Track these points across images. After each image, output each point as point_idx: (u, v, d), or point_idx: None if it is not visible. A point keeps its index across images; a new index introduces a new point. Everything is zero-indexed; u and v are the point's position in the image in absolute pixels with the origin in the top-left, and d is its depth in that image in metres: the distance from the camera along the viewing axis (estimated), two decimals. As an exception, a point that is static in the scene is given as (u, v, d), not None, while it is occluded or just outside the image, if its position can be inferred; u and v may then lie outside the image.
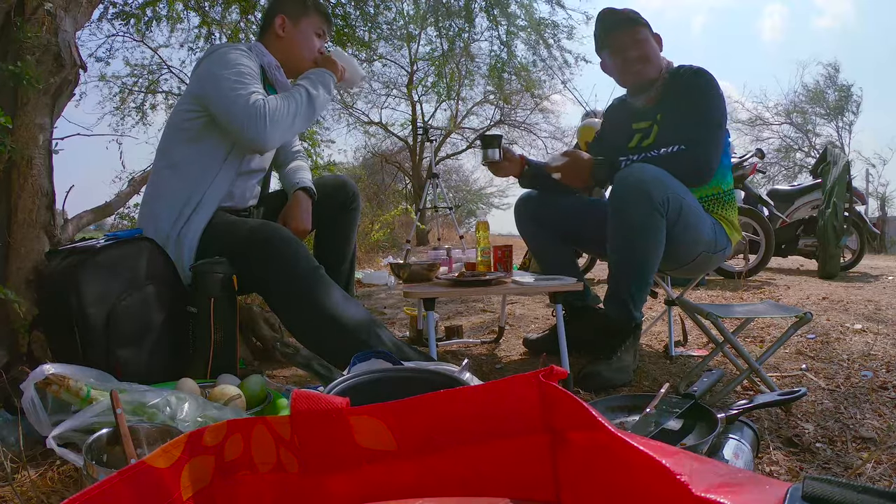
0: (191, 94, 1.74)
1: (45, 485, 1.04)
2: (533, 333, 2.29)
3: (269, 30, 1.86)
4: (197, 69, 1.78)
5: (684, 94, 1.82)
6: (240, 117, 1.58)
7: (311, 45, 1.88)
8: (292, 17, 1.85)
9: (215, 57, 1.70)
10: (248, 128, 1.58)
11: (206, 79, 1.66)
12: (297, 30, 1.85)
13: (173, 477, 0.49)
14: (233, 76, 1.62)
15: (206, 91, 1.66)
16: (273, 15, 1.85)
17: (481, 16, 4.66)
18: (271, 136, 1.62)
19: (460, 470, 0.51)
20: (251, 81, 1.64)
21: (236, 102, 1.59)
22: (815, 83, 16.99)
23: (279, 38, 1.84)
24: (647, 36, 1.88)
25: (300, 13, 1.86)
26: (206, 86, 1.65)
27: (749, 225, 4.29)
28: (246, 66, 1.67)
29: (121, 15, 4.26)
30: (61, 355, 1.37)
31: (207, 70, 1.68)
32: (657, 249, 1.68)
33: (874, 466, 1.12)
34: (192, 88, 1.76)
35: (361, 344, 1.51)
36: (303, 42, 1.86)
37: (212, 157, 1.70)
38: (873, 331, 2.28)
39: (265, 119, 1.59)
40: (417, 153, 13.00)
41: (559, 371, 0.50)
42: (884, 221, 9.06)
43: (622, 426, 1.17)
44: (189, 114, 1.71)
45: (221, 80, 1.62)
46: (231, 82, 1.61)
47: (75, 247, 1.46)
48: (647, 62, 1.87)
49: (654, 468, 0.41)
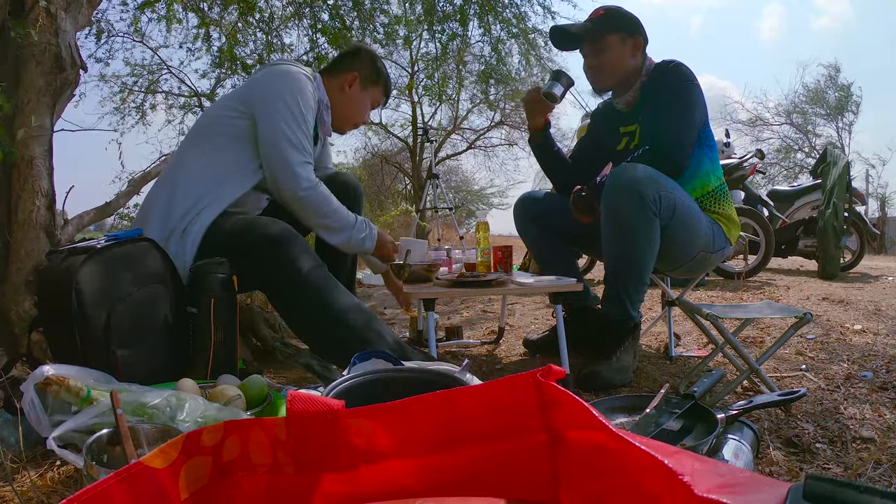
0: (240, 97, 1.73)
1: (45, 485, 1.04)
2: (533, 334, 2.29)
3: (338, 77, 1.88)
4: (255, 76, 1.81)
5: (659, 91, 1.83)
6: (292, 175, 1.64)
7: (365, 112, 1.96)
8: (363, 81, 1.90)
9: (282, 72, 1.71)
10: (289, 189, 1.65)
11: (266, 91, 1.68)
12: (362, 93, 1.91)
13: (171, 477, 0.49)
14: (297, 112, 1.65)
15: (260, 104, 1.66)
16: (349, 69, 1.89)
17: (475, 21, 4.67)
18: (303, 204, 1.68)
19: (459, 470, 0.51)
20: (306, 134, 1.67)
21: (295, 158, 1.64)
22: (816, 83, 16.99)
23: (343, 91, 1.88)
24: (611, 44, 1.85)
25: (373, 81, 1.92)
26: (265, 98, 1.66)
27: (749, 225, 4.29)
28: (308, 104, 1.70)
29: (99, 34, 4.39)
30: (61, 355, 1.37)
31: (268, 81, 1.70)
32: (651, 248, 1.68)
33: (874, 466, 1.12)
34: (244, 93, 1.75)
35: (363, 342, 1.51)
36: (361, 107, 1.93)
37: (239, 163, 1.70)
38: (873, 331, 2.28)
39: (309, 192, 1.65)
40: (417, 154, 13.00)
41: (557, 370, 0.50)
42: (884, 222, 9.06)
43: (622, 426, 1.16)
44: (231, 111, 1.71)
45: (282, 109, 1.64)
46: (294, 122, 1.64)
47: (75, 247, 1.46)
48: (601, 71, 1.89)
49: (656, 468, 0.40)
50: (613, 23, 1.86)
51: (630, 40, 1.86)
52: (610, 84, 1.93)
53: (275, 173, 1.66)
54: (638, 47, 1.88)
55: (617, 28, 1.86)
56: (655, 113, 1.81)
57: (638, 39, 1.87)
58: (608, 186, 1.68)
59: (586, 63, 1.93)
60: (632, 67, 1.88)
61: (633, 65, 1.88)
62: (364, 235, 1.77)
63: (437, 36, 4.85)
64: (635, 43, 1.87)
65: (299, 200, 1.67)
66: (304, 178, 1.64)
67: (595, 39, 1.88)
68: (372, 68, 1.91)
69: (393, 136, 13.72)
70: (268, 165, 1.67)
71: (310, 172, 1.67)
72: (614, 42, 1.86)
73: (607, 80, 1.91)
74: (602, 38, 1.86)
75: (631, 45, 1.87)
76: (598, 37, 1.87)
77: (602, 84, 1.94)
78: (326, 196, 1.70)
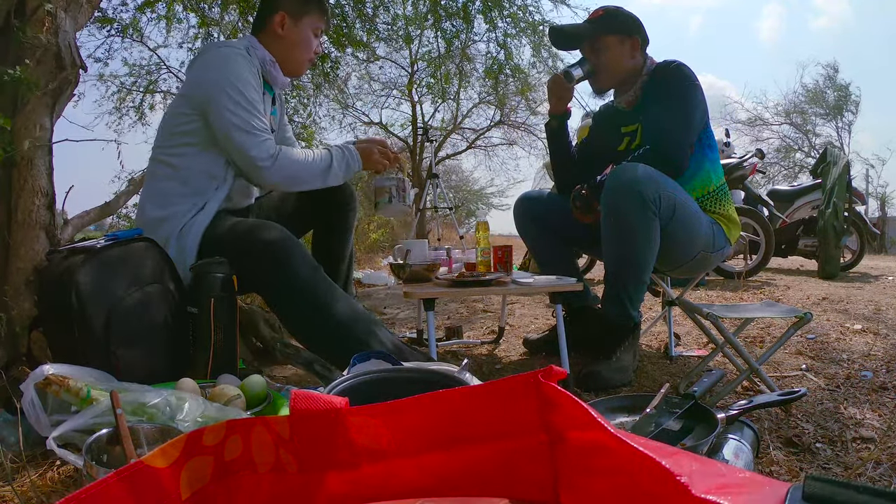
0: (186, 98, 1.70)
1: (45, 485, 1.04)
2: (533, 333, 2.29)
3: (267, 26, 1.80)
4: (192, 69, 1.75)
5: (660, 90, 1.83)
6: (248, 158, 1.62)
7: (309, 44, 1.84)
8: (293, 15, 1.80)
9: (214, 61, 1.67)
10: (254, 172, 1.66)
11: (207, 88, 1.63)
12: (297, 28, 1.81)
13: (172, 476, 0.49)
14: (238, 97, 1.61)
15: (206, 105, 1.63)
16: (272, 11, 1.79)
17: (479, 18, 4.66)
18: (274, 182, 1.69)
19: (459, 470, 0.51)
20: (250, 110, 1.63)
21: (246, 142, 1.61)
22: (815, 83, 16.99)
23: (278, 36, 1.79)
24: (609, 44, 1.87)
25: (301, 11, 1.81)
26: (208, 97, 1.62)
27: (749, 225, 4.29)
28: (243, 79, 1.64)
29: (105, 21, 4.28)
30: (61, 355, 1.37)
31: (205, 77, 1.65)
32: (651, 248, 1.68)
33: (874, 466, 1.12)
34: (188, 91, 1.71)
35: (361, 344, 1.51)
36: (303, 41, 1.82)
37: (215, 161, 1.69)
38: (873, 331, 2.28)
39: (272, 170, 1.64)
40: (417, 153, 13.00)
41: (558, 371, 0.50)
42: (884, 221, 9.06)
43: (622, 426, 1.17)
44: (183, 117, 1.68)
45: (225, 101, 1.60)
46: (238, 108, 1.61)
47: (75, 247, 1.46)
48: (600, 71, 1.91)
49: (654, 469, 0.40)
50: (611, 24, 1.88)
51: (628, 41, 1.87)
52: (609, 84, 1.95)
53: (239, 165, 1.68)
54: (636, 47, 1.88)
55: (615, 29, 1.87)
56: (656, 113, 1.81)
57: (636, 39, 1.88)
58: (608, 186, 1.68)
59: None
60: (630, 67, 1.88)
61: (632, 65, 1.88)
62: (347, 162, 1.78)
63: (440, 33, 4.84)
64: (633, 43, 1.88)
65: (270, 181, 1.68)
66: (260, 159, 1.62)
67: (593, 40, 1.89)
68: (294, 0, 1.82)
69: (393, 135, 13.71)
70: (231, 160, 1.68)
71: (265, 149, 1.63)
72: (612, 43, 1.87)
73: (606, 80, 1.93)
74: (600, 38, 1.88)
75: (629, 46, 1.87)
76: (596, 37, 1.89)
77: (601, 84, 1.95)
78: (290, 161, 1.67)
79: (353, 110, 13.07)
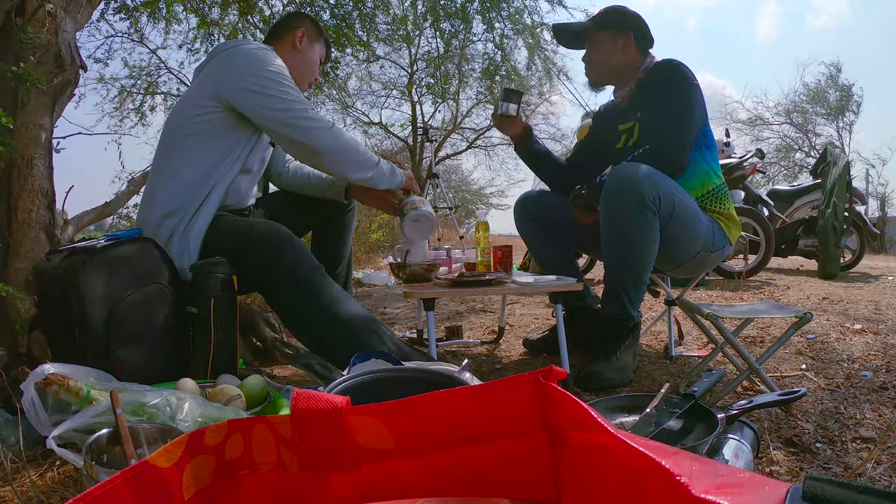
0: (210, 94, 1.66)
1: (45, 485, 1.04)
2: (533, 333, 2.29)
3: (286, 37, 1.87)
4: (209, 67, 1.73)
5: (658, 89, 1.84)
6: (307, 120, 1.64)
7: (315, 66, 1.96)
8: (310, 36, 1.90)
9: (240, 56, 1.67)
10: (310, 134, 1.65)
11: (239, 78, 1.63)
12: (311, 48, 1.91)
13: (175, 476, 0.49)
14: (274, 78, 1.64)
15: (238, 99, 1.63)
16: (296, 25, 1.88)
17: (477, 18, 4.67)
18: (325, 147, 1.67)
19: (460, 470, 0.51)
20: (291, 88, 1.67)
21: (298, 113, 1.63)
22: (816, 83, 16.98)
23: (295, 48, 1.87)
24: (601, 40, 1.91)
25: (317, 35, 1.94)
26: (241, 94, 1.63)
27: (749, 225, 4.29)
28: (280, 67, 1.69)
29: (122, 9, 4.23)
30: (61, 355, 1.37)
31: (234, 69, 1.65)
32: (651, 248, 1.68)
33: (874, 466, 1.12)
34: (212, 88, 1.67)
35: (362, 343, 1.51)
36: (312, 61, 1.93)
37: (217, 156, 1.68)
38: (873, 331, 2.28)
39: (332, 132, 1.67)
40: (417, 153, 13.00)
41: (558, 371, 0.50)
42: (884, 221, 9.04)
43: (622, 426, 1.17)
44: (199, 109, 1.66)
45: (268, 81, 1.62)
46: (291, 88, 1.65)
47: (75, 247, 1.46)
48: (591, 66, 1.96)
49: (654, 469, 0.41)
50: (605, 20, 1.92)
51: (621, 37, 1.89)
52: (600, 79, 1.99)
53: (291, 146, 1.71)
54: (629, 44, 1.90)
55: (606, 25, 1.91)
56: (655, 112, 1.82)
57: (629, 36, 1.89)
58: (607, 186, 1.68)
59: (583, 58, 2.00)
60: (622, 63, 1.91)
61: (623, 61, 1.90)
62: (393, 169, 1.84)
63: (439, 33, 4.85)
64: (626, 39, 1.89)
65: (322, 144, 1.67)
66: (318, 122, 1.66)
67: (588, 36, 1.95)
68: (313, 24, 1.94)
69: (393, 135, 13.71)
70: (283, 146, 1.74)
71: (321, 116, 1.69)
72: (604, 38, 1.91)
73: (597, 75, 1.98)
74: (593, 34, 1.93)
75: (622, 42, 1.89)
76: (590, 33, 1.94)
77: (592, 78, 2.01)
78: (344, 134, 1.74)
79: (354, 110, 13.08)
